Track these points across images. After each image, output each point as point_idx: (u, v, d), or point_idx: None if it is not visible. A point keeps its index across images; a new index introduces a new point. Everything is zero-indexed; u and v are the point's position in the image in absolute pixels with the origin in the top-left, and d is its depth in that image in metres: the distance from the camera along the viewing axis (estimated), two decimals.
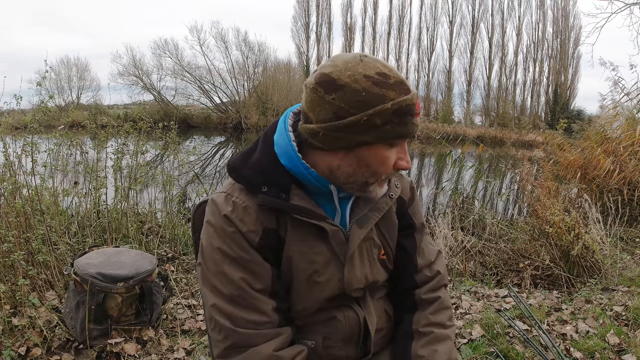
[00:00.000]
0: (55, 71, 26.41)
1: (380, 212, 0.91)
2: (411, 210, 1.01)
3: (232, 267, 0.81)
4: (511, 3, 33.00)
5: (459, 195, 5.37)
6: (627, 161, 4.91)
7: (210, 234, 0.84)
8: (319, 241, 0.86)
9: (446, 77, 34.10)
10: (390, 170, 0.82)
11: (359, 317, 0.92)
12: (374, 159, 0.80)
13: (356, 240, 0.87)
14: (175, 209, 4.24)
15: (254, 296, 0.81)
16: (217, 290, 0.82)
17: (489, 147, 7.60)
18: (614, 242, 3.79)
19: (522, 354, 2.03)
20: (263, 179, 0.82)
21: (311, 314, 0.91)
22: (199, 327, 2.25)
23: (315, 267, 0.86)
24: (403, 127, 0.77)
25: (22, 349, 1.85)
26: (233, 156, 0.90)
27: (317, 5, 33.74)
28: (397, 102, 0.75)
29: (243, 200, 0.83)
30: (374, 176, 0.82)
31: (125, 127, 3.55)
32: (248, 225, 0.82)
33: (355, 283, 0.89)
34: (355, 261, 0.89)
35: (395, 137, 0.78)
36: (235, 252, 0.81)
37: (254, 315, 0.81)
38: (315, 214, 0.83)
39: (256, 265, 0.82)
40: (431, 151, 13.06)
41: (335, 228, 0.86)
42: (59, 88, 27.37)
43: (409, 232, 1.00)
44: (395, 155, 0.81)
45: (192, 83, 27.25)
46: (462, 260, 3.62)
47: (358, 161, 0.80)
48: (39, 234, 2.38)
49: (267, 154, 0.84)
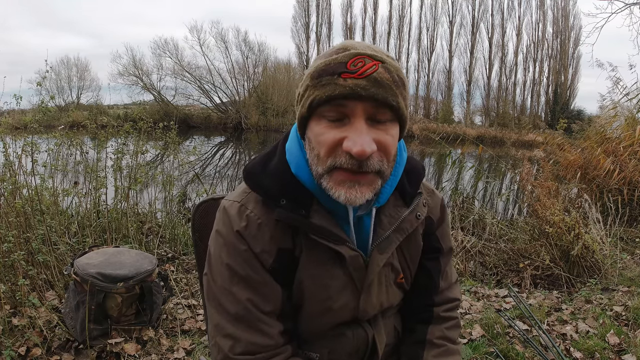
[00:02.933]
0: (55, 71, 26.47)
1: (403, 234, 0.81)
2: (439, 233, 0.92)
3: (240, 286, 0.75)
4: (511, 3, 33.10)
5: (459, 195, 5.36)
6: (627, 161, 4.91)
7: (220, 246, 0.78)
8: (335, 265, 0.78)
9: (446, 77, 34.14)
10: (335, 153, 0.68)
11: (368, 335, 0.87)
12: (313, 136, 0.70)
13: (376, 268, 0.79)
14: (175, 209, 4.24)
15: (260, 318, 0.76)
16: (222, 308, 0.77)
17: (489, 147, 7.60)
18: (614, 242, 3.79)
19: (522, 354, 2.03)
20: (282, 191, 0.75)
21: (318, 333, 0.86)
22: (199, 327, 2.25)
23: (330, 293, 0.79)
24: (320, 89, 0.67)
25: (22, 349, 1.85)
26: (251, 159, 0.83)
27: (317, 5, 33.81)
28: (316, 64, 0.69)
29: (258, 216, 0.76)
30: (319, 162, 0.70)
31: (125, 127, 3.54)
32: (261, 245, 0.75)
33: (370, 310, 0.84)
34: (373, 289, 0.82)
35: (316, 103, 0.67)
36: (245, 271, 0.75)
37: (257, 337, 0.75)
38: (335, 236, 0.75)
39: (266, 286, 0.76)
40: (431, 151, 13.05)
41: (354, 254, 0.77)
42: (59, 88, 27.46)
43: (434, 255, 0.91)
44: (335, 134, 0.68)
45: (192, 83, 27.31)
46: (462, 260, 3.62)
47: (309, 144, 0.73)
48: (39, 234, 2.38)
49: (284, 163, 0.78)
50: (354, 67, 0.65)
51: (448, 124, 26.47)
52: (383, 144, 0.69)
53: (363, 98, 0.65)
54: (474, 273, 3.54)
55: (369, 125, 0.68)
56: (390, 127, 0.70)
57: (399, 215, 0.80)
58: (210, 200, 1.04)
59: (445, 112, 32.05)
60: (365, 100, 0.66)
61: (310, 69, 0.71)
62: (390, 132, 0.70)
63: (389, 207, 0.80)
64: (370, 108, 0.67)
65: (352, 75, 0.65)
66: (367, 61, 0.66)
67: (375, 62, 0.66)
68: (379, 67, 0.66)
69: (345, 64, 0.66)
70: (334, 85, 0.66)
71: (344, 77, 0.65)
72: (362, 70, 0.65)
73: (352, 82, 0.65)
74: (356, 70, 0.65)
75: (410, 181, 0.83)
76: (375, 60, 0.66)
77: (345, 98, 0.66)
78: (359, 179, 0.69)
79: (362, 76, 0.65)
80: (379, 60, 0.67)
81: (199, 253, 1.07)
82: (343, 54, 0.67)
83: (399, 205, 0.81)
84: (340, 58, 0.66)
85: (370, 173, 0.69)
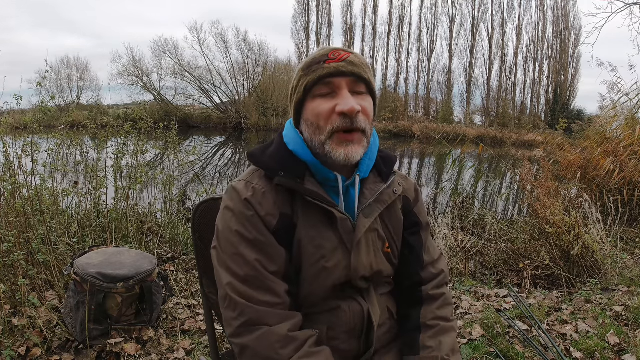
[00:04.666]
0: (55, 71, 26.49)
1: (383, 204, 0.95)
2: (417, 210, 1.06)
3: (248, 248, 0.85)
4: (511, 3, 33.02)
5: (459, 195, 5.36)
6: (627, 161, 4.91)
7: (229, 218, 0.87)
8: (327, 227, 0.90)
9: (446, 77, 34.08)
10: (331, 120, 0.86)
11: (363, 309, 0.94)
12: (310, 113, 0.89)
13: (362, 229, 0.91)
14: (175, 209, 4.24)
15: (268, 277, 0.85)
16: (232, 271, 0.84)
17: (489, 147, 7.60)
18: (614, 242, 3.79)
19: (522, 354, 2.03)
20: (280, 166, 0.90)
21: (317, 303, 0.93)
22: (199, 327, 2.25)
23: (323, 252, 0.89)
24: (311, 74, 0.88)
25: (22, 349, 1.85)
26: (252, 147, 0.97)
27: (317, 5, 33.73)
28: (305, 61, 0.90)
29: (262, 186, 0.89)
30: (320, 132, 0.88)
31: (126, 127, 3.55)
32: (266, 209, 0.87)
33: (361, 270, 0.92)
34: (362, 249, 0.92)
35: (310, 85, 0.88)
36: (253, 234, 0.85)
37: (267, 296, 0.84)
38: (326, 200, 0.88)
39: (272, 247, 0.86)
40: (431, 151, 13.06)
41: (343, 216, 0.90)
42: (59, 88, 27.46)
43: (415, 230, 1.04)
44: (329, 104, 0.87)
45: (192, 83, 27.29)
46: (462, 260, 3.62)
47: (306, 123, 0.90)
48: (39, 234, 2.38)
49: (281, 146, 0.94)
50: (333, 56, 0.88)
51: (448, 124, 26.43)
52: (364, 107, 0.89)
53: (345, 74, 0.87)
54: (474, 273, 3.54)
55: (352, 96, 0.88)
56: (366, 97, 0.91)
57: (378, 188, 0.96)
58: (210, 200, 1.05)
59: (445, 112, 32.03)
60: (347, 76, 0.87)
61: (300, 66, 0.92)
62: (367, 100, 0.91)
63: (370, 183, 0.97)
64: (350, 82, 0.88)
65: (333, 60, 0.87)
66: (342, 52, 0.89)
67: (347, 52, 0.89)
68: (351, 55, 0.89)
69: (326, 55, 0.88)
70: (321, 69, 0.87)
71: (327, 63, 0.87)
72: (340, 57, 0.88)
73: (335, 64, 0.87)
74: (335, 57, 0.88)
75: (386, 165, 1.01)
76: (347, 52, 0.89)
77: (332, 76, 0.87)
78: (353, 138, 0.87)
79: (341, 60, 0.87)
80: (349, 52, 0.90)
81: (199, 253, 1.07)
82: (323, 50, 0.89)
83: (378, 182, 0.98)
84: (323, 52, 0.89)
85: (359, 131, 0.88)
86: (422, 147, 14.72)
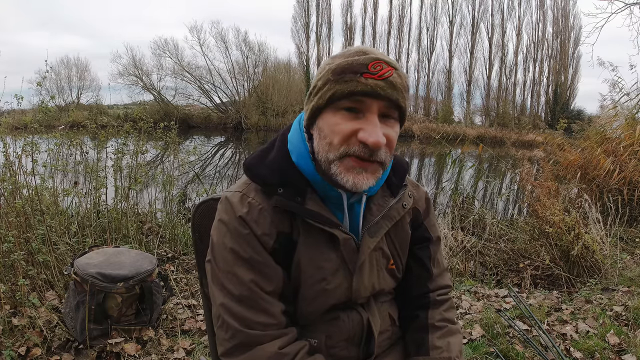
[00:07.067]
0: (55, 71, 26.49)
1: (391, 221, 0.89)
2: (427, 223, 1.00)
3: (243, 268, 0.80)
4: (511, 3, 33.05)
5: (459, 195, 5.36)
6: (627, 161, 4.91)
7: (223, 233, 0.82)
8: (329, 248, 0.84)
9: (446, 77, 34.11)
10: (349, 142, 0.76)
11: (363, 318, 0.91)
12: (326, 126, 0.78)
13: (366, 250, 0.86)
14: (175, 209, 4.24)
15: (263, 298, 0.81)
16: (226, 290, 0.81)
17: (489, 147, 7.60)
18: (614, 242, 3.79)
19: (522, 354, 2.03)
20: (279, 180, 0.81)
21: (315, 318, 0.90)
22: (199, 327, 2.25)
23: (324, 274, 0.84)
24: (342, 84, 0.75)
25: (22, 349, 1.85)
26: (250, 154, 0.89)
27: (317, 5, 33.74)
28: (337, 62, 0.76)
29: (259, 202, 0.82)
30: (332, 149, 0.77)
31: (126, 127, 3.55)
32: (263, 228, 0.81)
33: (362, 292, 0.89)
34: (365, 270, 0.88)
35: (337, 96, 0.75)
36: (248, 253, 0.80)
37: (262, 317, 0.80)
38: (328, 221, 0.82)
39: (268, 267, 0.81)
40: (431, 151, 13.06)
41: (347, 236, 0.84)
42: (59, 88, 27.48)
43: (425, 244, 0.99)
44: (352, 125, 0.76)
45: (192, 83, 27.33)
46: (462, 260, 3.62)
47: (319, 133, 0.80)
48: (39, 234, 2.38)
49: (283, 153, 0.85)
50: (374, 69, 0.74)
51: (448, 124, 26.45)
52: (390, 138, 0.78)
53: (380, 97, 0.75)
54: (474, 273, 3.54)
55: (380, 121, 0.77)
56: (395, 125, 0.81)
57: (387, 204, 0.89)
58: (210, 200, 1.04)
59: (445, 112, 32.04)
60: (381, 99, 0.75)
61: (331, 65, 0.78)
62: (395, 129, 0.80)
63: (378, 197, 0.89)
64: (384, 107, 0.77)
65: (372, 76, 0.74)
66: (384, 66, 0.75)
67: (391, 68, 0.76)
68: (393, 73, 0.76)
69: (366, 66, 0.74)
70: (356, 82, 0.74)
71: (365, 76, 0.74)
72: (381, 73, 0.75)
73: (373, 82, 0.74)
74: (376, 72, 0.74)
75: (396, 174, 0.92)
76: (390, 67, 0.76)
77: (365, 95, 0.75)
78: (367, 167, 0.77)
79: (381, 78, 0.75)
80: (393, 67, 0.76)
81: (199, 253, 1.07)
82: (364, 56, 0.76)
83: (387, 196, 0.90)
84: (362, 60, 0.75)
85: (376, 162, 0.78)
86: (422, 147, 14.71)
